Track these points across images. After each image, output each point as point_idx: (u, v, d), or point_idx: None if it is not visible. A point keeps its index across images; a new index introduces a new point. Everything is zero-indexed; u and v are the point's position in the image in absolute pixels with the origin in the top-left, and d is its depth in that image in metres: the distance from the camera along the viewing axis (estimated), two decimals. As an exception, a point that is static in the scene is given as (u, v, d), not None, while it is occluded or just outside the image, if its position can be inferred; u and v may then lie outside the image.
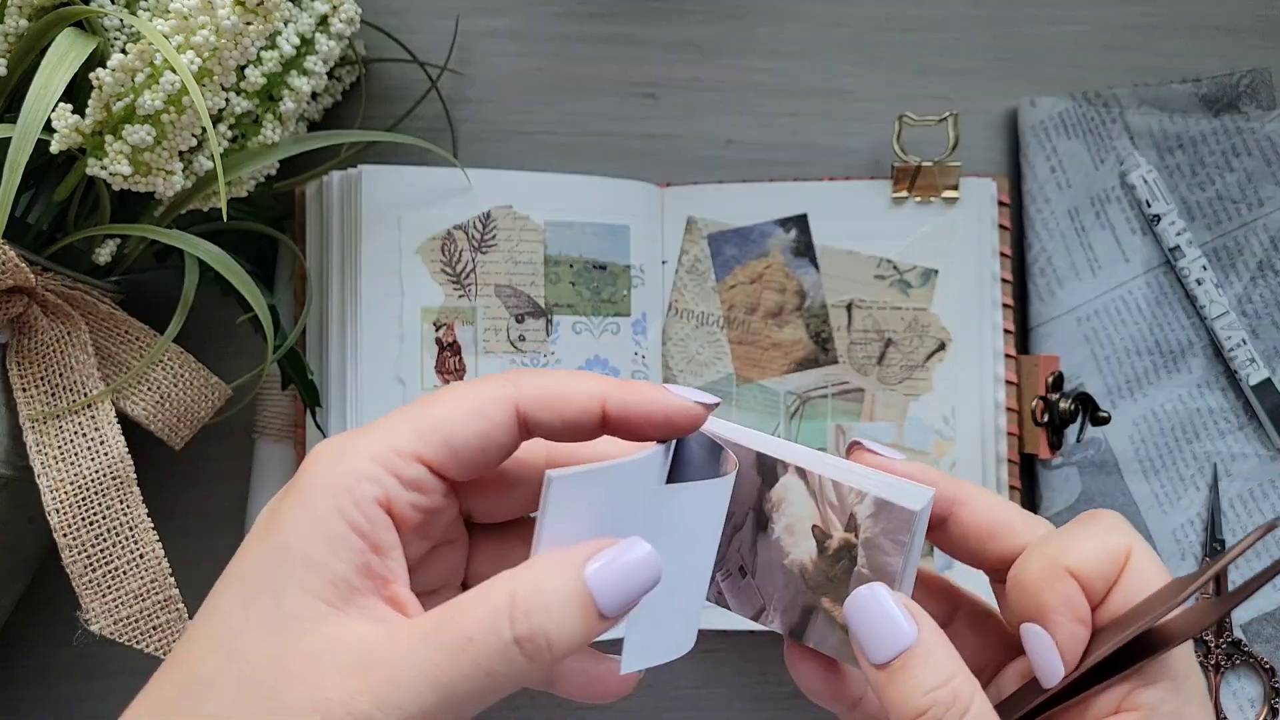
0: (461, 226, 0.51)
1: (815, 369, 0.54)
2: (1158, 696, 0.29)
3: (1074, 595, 0.29)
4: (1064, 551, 0.30)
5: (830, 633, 0.32)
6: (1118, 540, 0.30)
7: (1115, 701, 0.29)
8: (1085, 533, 0.30)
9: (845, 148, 0.56)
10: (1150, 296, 0.54)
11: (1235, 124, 0.54)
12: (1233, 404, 0.54)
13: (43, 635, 0.54)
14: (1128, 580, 0.29)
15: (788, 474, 0.32)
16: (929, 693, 0.28)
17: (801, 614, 0.32)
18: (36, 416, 0.43)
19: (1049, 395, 0.51)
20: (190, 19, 0.40)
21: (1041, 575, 0.30)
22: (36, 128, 0.39)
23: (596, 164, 0.56)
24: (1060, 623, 0.29)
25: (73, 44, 0.41)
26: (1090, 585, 0.29)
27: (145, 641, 0.43)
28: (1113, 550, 0.30)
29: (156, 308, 0.49)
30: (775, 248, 0.54)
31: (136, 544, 0.43)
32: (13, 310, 0.43)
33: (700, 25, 0.56)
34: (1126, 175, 0.54)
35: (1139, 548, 0.30)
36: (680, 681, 0.55)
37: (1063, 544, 0.30)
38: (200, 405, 0.48)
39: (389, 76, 0.56)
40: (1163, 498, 0.54)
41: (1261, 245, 0.54)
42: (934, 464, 0.53)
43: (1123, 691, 0.29)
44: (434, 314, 0.50)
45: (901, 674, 0.29)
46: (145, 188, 0.43)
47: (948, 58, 0.56)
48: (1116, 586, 0.30)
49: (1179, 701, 0.29)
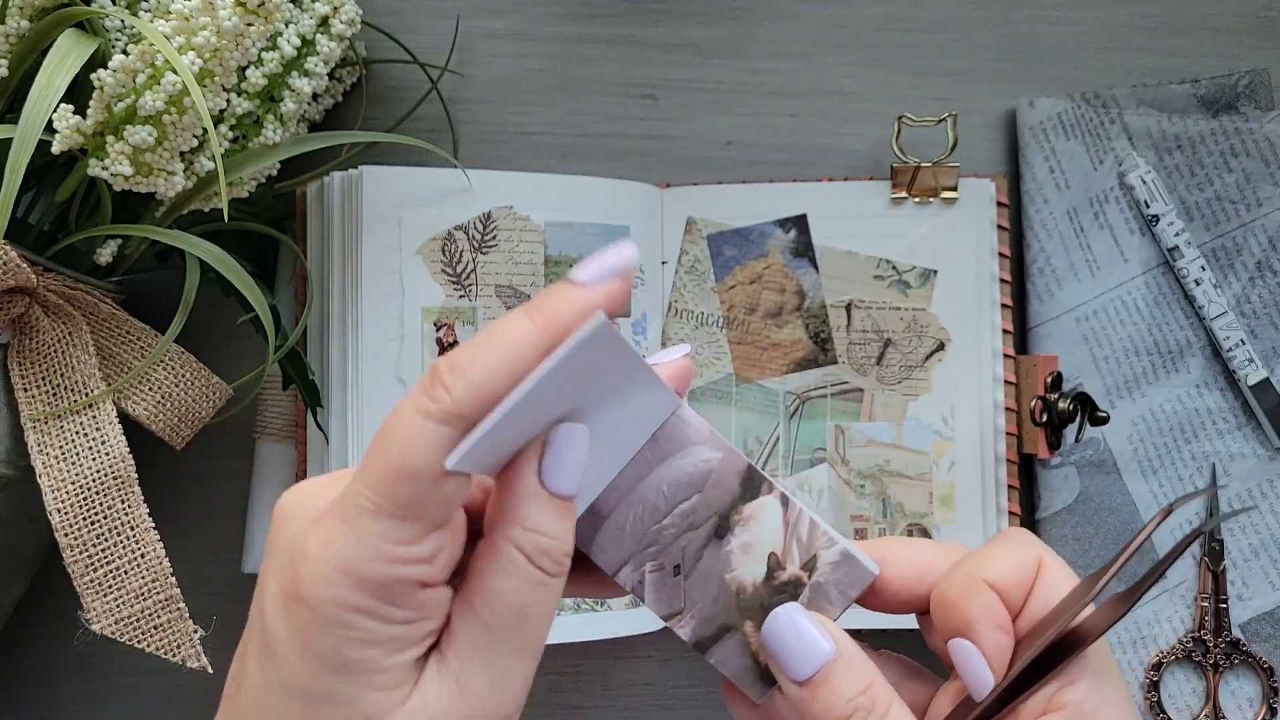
0: (462, 227, 0.51)
1: (814, 369, 0.54)
2: (1080, 694, 0.30)
3: (994, 605, 0.31)
4: (980, 566, 0.32)
5: (737, 656, 0.32)
6: (1029, 551, 0.32)
7: (1042, 704, 0.30)
8: (999, 548, 0.32)
9: (844, 148, 0.56)
10: (1149, 297, 0.54)
11: (1234, 125, 0.54)
12: (1231, 404, 0.54)
13: (44, 635, 0.54)
14: (1041, 587, 0.31)
15: (770, 495, 0.33)
16: (849, 700, 0.30)
17: (716, 630, 0.32)
18: (38, 416, 0.43)
19: (1048, 395, 0.51)
20: (191, 20, 0.41)
21: (962, 590, 0.31)
22: (38, 128, 0.39)
23: (596, 165, 0.56)
24: (984, 632, 0.31)
25: (74, 45, 0.41)
26: (1008, 595, 0.31)
27: (146, 641, 0.43)
28: (1025, 560, 0.32)
29: (158, 308, 0.49)
30: (774, 248, 0.54)
31: (137, 544, 0.43)
32: (14, 310, 0.43)
33: (700, 26, 0.57)
34: (1125, 176, 0.55)
35: (1049, 557, 0.32)
36: (680, 680, 0.55)
37: (979, 560, 0.32)
38: (201, 405, 0.48)
39: (389, 77, 0.56)
40: (1161, 498, 0.54)
41: (1260, 245, 0.54)
42: (933, 464, 0.53)
43: (1049, 693, 0.31)
44: (434, 314, 0.50)
45: (823, 688, 0.30)
46: (146, 188, 0.43)
47: (947, 58, 0.57)
48: (1032, 594, 0.31)
49: (1100, 698, 0.30)
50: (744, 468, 0.32)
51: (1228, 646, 0.52)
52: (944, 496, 0.53)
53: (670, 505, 0.32)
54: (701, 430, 0.32)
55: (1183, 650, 0.53)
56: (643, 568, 0.32)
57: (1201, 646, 0.53)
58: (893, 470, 0.53)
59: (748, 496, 0.33)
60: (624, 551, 0.32)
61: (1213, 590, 0.53)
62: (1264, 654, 0.52)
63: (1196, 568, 0.53)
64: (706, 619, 0.32)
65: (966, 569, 0.32)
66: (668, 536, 0.32)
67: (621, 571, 0.32)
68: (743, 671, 0.32)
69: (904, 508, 0.53)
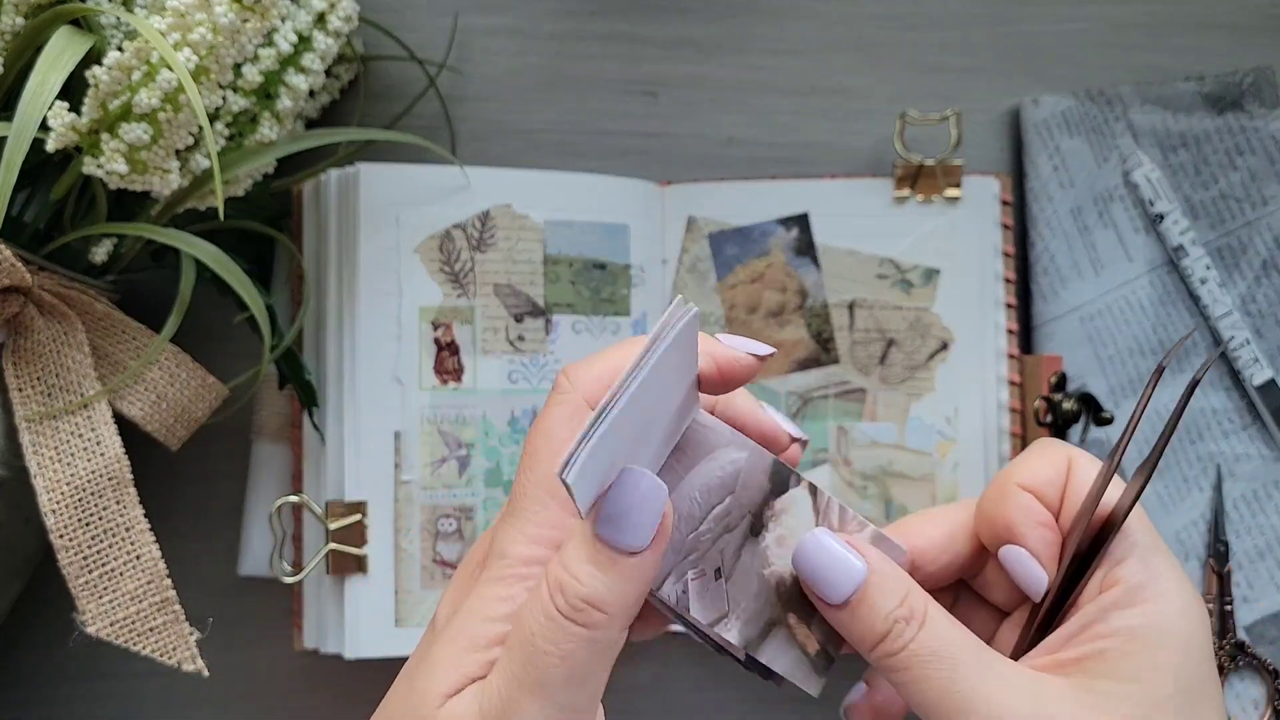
0: (460, 225, 0.50)
1: (817, 369, 0.53)
2: (1130, 570, 0.31)
3: (1031, 505, 0.32)
4: (1012, 474, 0.33)
5: (787, 650, 0.32)
6: (1059, 452, 0.33)
7: (1097, 588, 0.31)
8: (1028, 455, 0.33)
9: (847, 146, 0.56)
10: (1153, 296, 0.54)
11: (1239, 123, 0.54)
12: (1236, 404, 0.54)
13: (39, 637, 0.53)
14: (1074, 483, 0.32)
15: (799, 487, 0.32)
16: (889, 614, 0.30)
17: (763, 628, 0.32)
18: (33, 417, 0.43)
19: (1052, 395, 0.51)
20: (187, 16, 0.40)
21: (999, 498, 0.32)
22: (33, 126, 0.39)
23: (596, 162, 0.55)
24: (1026, 532, 0.32)
25: (69, 42, 0.41)
26: (1043, 494, 0.32)
27: (142, 644, 0.43)
28: (1054, 461, 0.33)
29: (153, 307, 0.49)
30: (776, 247, 0.54)
31: (133, 545, 0.43)
32: (9, 310, 0.43)
33: (701, 23, 0.56)
34: (1130, 174, 0.54)
35: (1078, 455, 0.33)
36: (684, 685, 0.54)
37: (1010, 470, 0.33)
38: (197, 405, 0.47)
39: (387, 74, 0.55)
40: (1166, 499, 0.53)
41: (1265, 245, 0.54)
42: (937, 464, 0.52)
43: (1100, 576, 0.31)
44: (432, 313, 0.50)
45: (862, 606, 0.30)
46: (142, 186, 0.42)
47: (950, 56, 0.56)
48: (1067, 491, 0.32)
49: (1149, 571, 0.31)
50: (770, 463, 0.32)
51: (1233, 649, 0.52)
52: (947, 497, 0.52)
53: (705, 511, 0.32)
54: (724, 433, 0.32)
55: (1187, 652, 0.52)
56: (685, 577, 0.32)
57: (1206, 649, 0.52)
58: (895, 471, 0.53)
59: (777, 491, 0.32)
60: (665, 566, 0.31)
61: (1218, 592, 0.52)
62: (1269, 656, 0.52)
63: (1202, 569, 0.53)
64: (751, 617, 0.32)
65: (999, 481, 0.33)
66: (705, 542, 0.32)
67: (665, 586, 0.32)
68: (795, 666, 0.32)
69: (907, 509, 0.52)
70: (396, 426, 0.49)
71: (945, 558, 0.34)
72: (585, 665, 0.27)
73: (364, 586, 0.49)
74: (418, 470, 0.49)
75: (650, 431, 0.29)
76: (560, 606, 0.26)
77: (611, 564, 0.27)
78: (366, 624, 0.48)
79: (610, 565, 0.27)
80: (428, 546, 0.49)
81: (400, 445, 0.49)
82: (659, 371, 0.26)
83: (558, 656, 0.26)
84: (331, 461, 0.49)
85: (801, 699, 0.33)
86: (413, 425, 0.49)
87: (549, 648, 0.26)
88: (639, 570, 0.27)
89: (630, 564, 0.27)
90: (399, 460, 0.49)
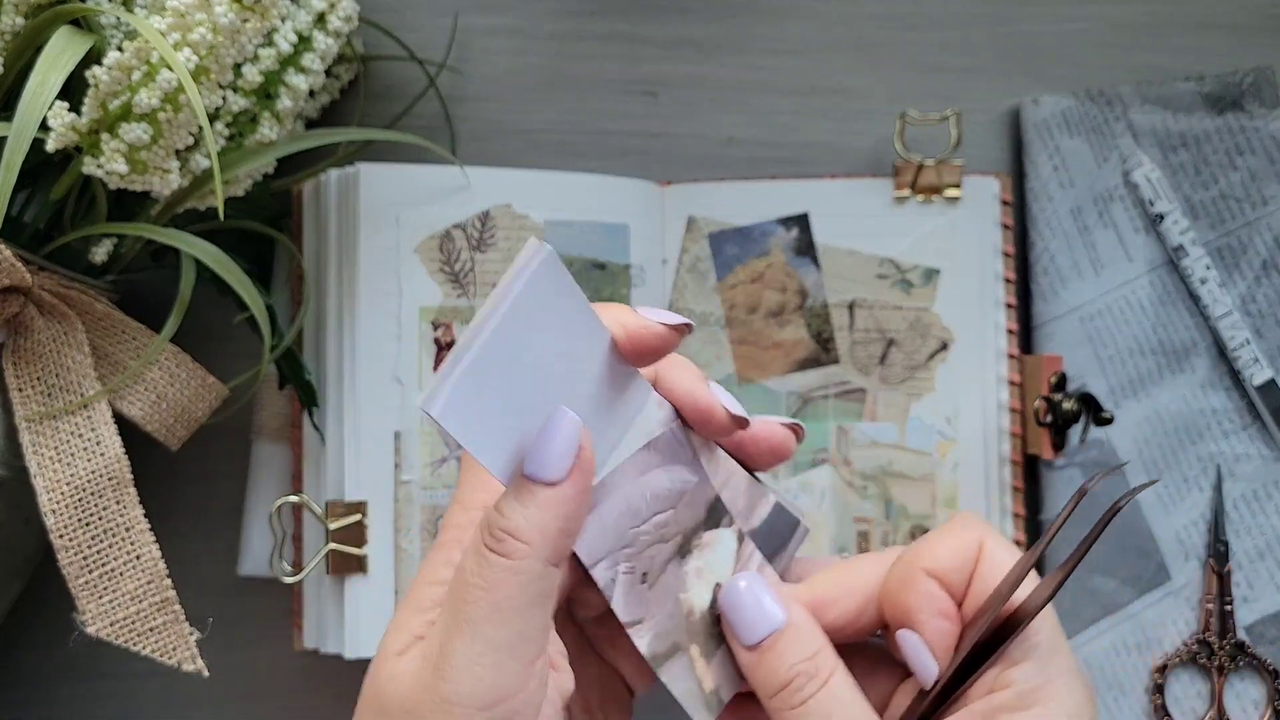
0: (460, 225, 0.50)
1: (817, 369, 0.53)
2: (1024, 674, 0.30)
3: (933, 592, 0.31)
4: (920, 556, 0.32)
5: (685, 679, 0.33)
6: (969, 535, 0.32)
7: (988, 687, 0.31)
8: (939, 535, 0.32)
9: (847, 146, 0.56)
10: (1153, 296, 0.54)
11: (1239, 123, 0.54)
12: (1236, 404, 0.54)
13: (39, 637, 0.53)
14: (983, 570, 0.31)
15: (729, 529, 0.33)
16: (793, 666, 0.30)
17: (669, 647, 0.33)
18: (33, 417, 0.43)
19: (1052, 395, 0.51)
20: (187, 16, 0.40)
21: (902, 581, 0.32)
22: (33, 126, 0.39)
23: (596, 162, 0.55)
24: (925, 620, 0.31)
25: (69, 42, 0.41)
26: (948, 581, 0.31)
27: (142, 644, 0.43)
28: (965, 545, 0.32)
29: (153, 307, 0.49)
30: (776, 247, 0.54)
31: (133, 545, 0.43)
32: (9, 310, 0.43)
33: (700, 23, 0.56)
34: (1130, 174, 0.54)
35: (990, 538, 0.32)
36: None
37: (918, 550, 0.32)
38: (197, 405, 0.47)
39: (387, 74, 0.55)
40: (1166, 499, 0.53)
41: (1265, 245, 0.54)
42: (937, 464, 0.52)
43: (994, 675, 0.31)
44: (432, 313, 0.50)
45: (770, 653, 0.31)
46: (142, 186, 0.42)
47: (949, 56, 0.56)
48: (974, 578, 0.31)
49: (1045, 676, 0.30)
50: (713, 497, 0.33)
51: (1233, 649, 0.52)
52: (947, 498, 0.52)
53: (650, 513, 0.32)
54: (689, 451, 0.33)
55: (1188, 653, 0.52)
56: (617, 567, 0.32)
57: (1206, 649, 0.52)
58: (895, 471, 0.53)
59: (710, 524, 0.33)
60: (604, 545, 0.32)
61: (1218, 592, 0.52)
62: (1269, 656, 0.52)
63: (1202, 570, 0.53)
64: (661, 633, 0.32)
65: (906, 560, 0.32)
66: (642, 542, 0.32)
67: (598, 566, 0.32)
68: (689, 696, 0.33)
69: (907, 509, 0.52)
70: (396, 426, 0.49)
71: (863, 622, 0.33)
72: (510, 599, 0.27)
73: (364, 586, 0.49)
74: (418, 470, 0.49)
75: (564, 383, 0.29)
76: (485, 540, 0.28)
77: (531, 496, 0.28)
78: (366, 624, 0.48)
79: (530, 497, 0.28)
80: (428, 546, 0.49)
81: (400, 445, 0.49)
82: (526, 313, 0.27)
83: (482, 589, 0.27)
84: (331, 461, 0.49)
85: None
86: (413, 425, 0.49)
87: (475, 581, 0.27)
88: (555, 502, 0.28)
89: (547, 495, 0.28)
90: (399, 460, 0.49)
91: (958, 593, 0.31)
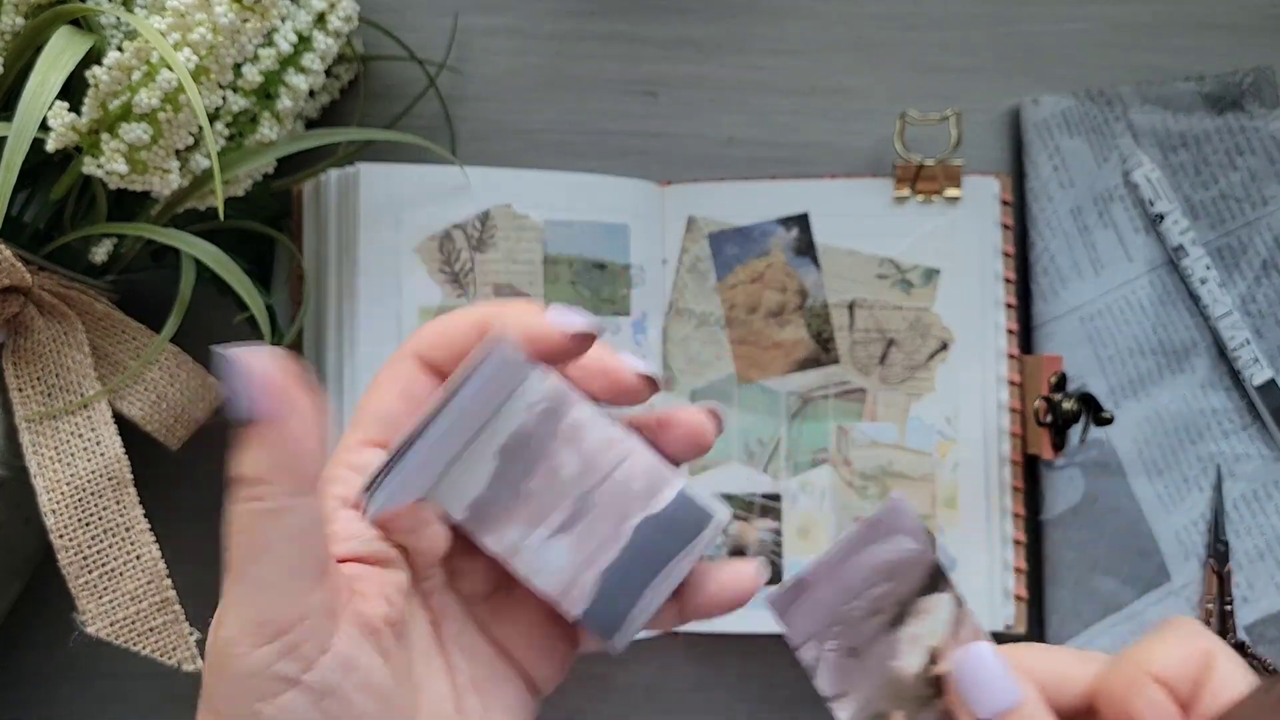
0: (460, 225, 0.50)
1: (817, 369, 0.53)
2: None
3: (1162, 701, 0.30)
4: (1148, 659, 0.31)
5: None
6: (1200, 644, 0.31)
7: None
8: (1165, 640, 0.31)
9: (847, 146, 0.56)
10: (1153, 296, 0.54)
11: (1239, 123, 0.54)
12: (1236, 404, 0.54)
13: (39, 637, 0.53)
14: (1213, 683, 0.30)
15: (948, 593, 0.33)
16: None
17: (871, 716, 0.33)
18: (33, 417, 0.43)
19: (1052, 395, 0.51)
20: (187, 16, 0.40)
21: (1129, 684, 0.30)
22: (33, 126, 0.39)
23: (596, 162, 0.55)
24: None
25: (69, 42, 0.41)
26: (1177, 689, 0.30)
27: (142, 644, 0.43)
28: (1196, 654, 0.30)
29: (153, 307, 0.49)
30: (776, 247, 0.54)
31: (133, 545, 0.43)
32: (9, 310, 0.43)
33: (700, 23, 0.56)
34: (1130, 174, 0.54)
35: (1221, 650, 0.31)
36: (678, 685, 0.54)
37: (1146, 652, 0.31)
38: (197, 405, 0.47)
39: (387, 74, 0.55)
40: (1166, 499, 0.53)
41: (1265, 245, 0.54)
42: (937, 464, 0.52)
43: None
44: (432, 313, 0.50)
45: None
46: (142, 186, 0.42)
47: (949, 56, 0.56)
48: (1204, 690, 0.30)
49: None
50: (932, 563, 0.33)
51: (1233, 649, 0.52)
52: (947, 498, 0.52)
53: (865, 587, 0.33)
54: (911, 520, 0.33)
55: (1188, 652, 0.52)
56: (825, 645, 0.33)
57: (1206, 649, 0.52)
58: (896, 471, 0.53)
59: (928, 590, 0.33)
60: (815, 626, 0.32)
61: (1218, 592, 0.52)
62: (1270, 656, 0.52)
63: (1202, 570, 0.53)
64: (865, 703, 0.33)
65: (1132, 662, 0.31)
66: (855, 619, 0.33)
67: (805, 647, 0.32)
68: None
69: (906, 509, 0.52)
70: (396, 426, 0.49)
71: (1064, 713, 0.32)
72: (258, 537, 0.29)
73: (364, 586, 0.49)
74: (418, 470, 0.49)
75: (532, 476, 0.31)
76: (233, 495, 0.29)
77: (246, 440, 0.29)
78: (366, 624, 0.48)
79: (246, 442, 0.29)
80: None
81: (400, 445, 0.49)
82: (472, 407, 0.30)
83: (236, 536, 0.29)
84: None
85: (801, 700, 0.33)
86: (413, 425, 0.49)
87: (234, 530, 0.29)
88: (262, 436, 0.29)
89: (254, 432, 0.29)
90: (399, 460, 0.49)
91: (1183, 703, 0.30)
